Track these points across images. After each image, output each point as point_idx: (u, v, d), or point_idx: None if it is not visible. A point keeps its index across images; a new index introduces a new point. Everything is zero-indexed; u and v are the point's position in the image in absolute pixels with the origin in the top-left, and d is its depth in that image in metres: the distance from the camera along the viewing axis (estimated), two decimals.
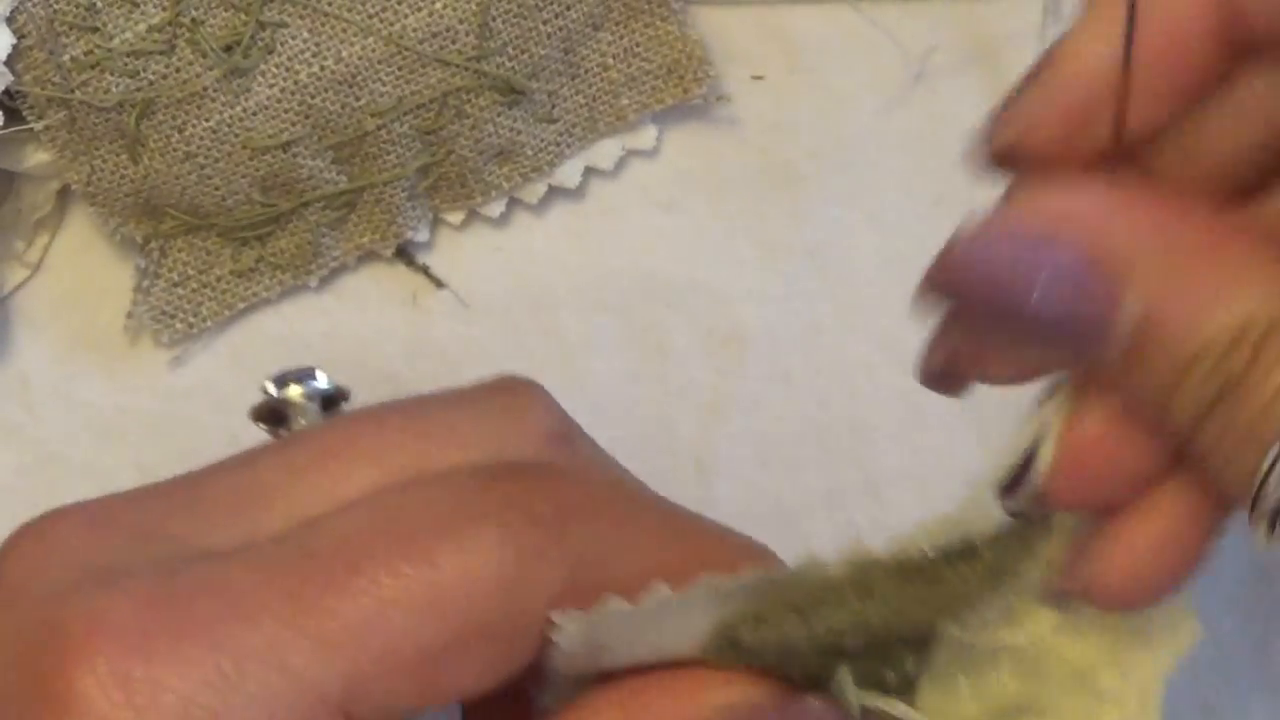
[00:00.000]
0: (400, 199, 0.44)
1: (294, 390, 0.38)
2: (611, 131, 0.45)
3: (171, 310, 0.44)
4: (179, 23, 0.42)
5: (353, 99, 0.43)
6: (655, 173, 0.45)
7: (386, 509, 0.31)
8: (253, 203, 0.43)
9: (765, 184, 0.45)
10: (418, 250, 0.45)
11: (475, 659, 0.31)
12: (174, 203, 0.43)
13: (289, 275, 0.44)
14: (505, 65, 0.43)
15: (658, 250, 0.45)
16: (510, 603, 0.30)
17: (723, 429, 0.45)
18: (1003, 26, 0.46)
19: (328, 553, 0.30)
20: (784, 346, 0.45)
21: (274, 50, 0.42)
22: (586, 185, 0.45)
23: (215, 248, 0.44)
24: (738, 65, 0.46)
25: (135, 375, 0.45)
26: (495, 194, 0.45)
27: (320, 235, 0.44)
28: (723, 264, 0.45)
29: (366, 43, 0.42)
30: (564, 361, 0.44)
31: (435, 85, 0.43)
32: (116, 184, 0.43)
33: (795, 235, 0.45)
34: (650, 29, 0.45)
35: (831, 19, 0.46)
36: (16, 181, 0.44)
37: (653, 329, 0.45)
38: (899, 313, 0.45)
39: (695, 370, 0.45)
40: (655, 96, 0.45)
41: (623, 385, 0.45)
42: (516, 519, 0.31)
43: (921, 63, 0.46)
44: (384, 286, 0.45)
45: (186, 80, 0.42)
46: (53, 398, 0.45)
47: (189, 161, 0.42)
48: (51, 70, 0.42)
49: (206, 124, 0.42)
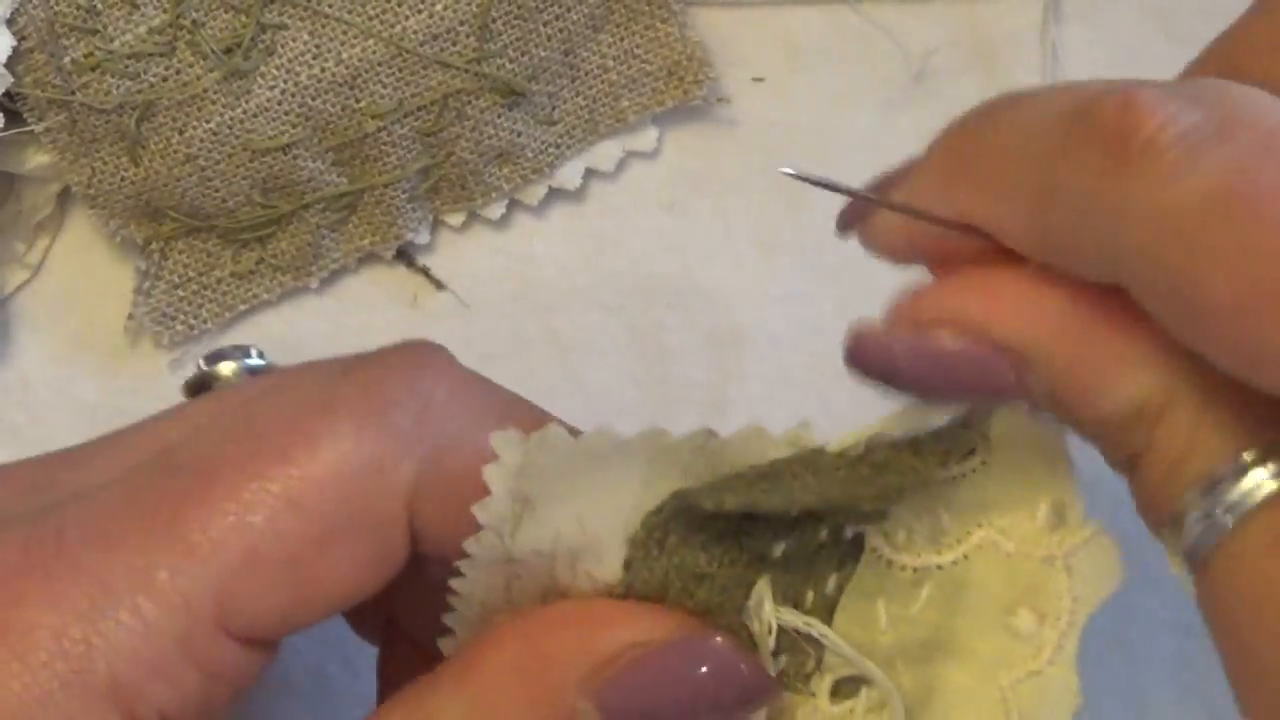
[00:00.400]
0: (400, 201, 0.44)
1: (224, 366, 0.39)
2: (612, 133, 0.45)
3: (172, 312, 0.44)
4: (179, 25, 0.42)
5: (353, 101, 0.43)
6: (655, 174, 0.45)
7: (240, 417, 0.31)
8: (253, 204, 0.43)
9: (765, 184, 0.45)
10: (418, 252, 0.45)
11: (343, 556, 0.30)
12: (174, 204, 0.43)
13: (289, 277, 0.44)
14: (505, 67, 0.43)
15: (658, 251, 0.45)
16: (370, 491, 0.30)
17: (723, 429, 0.45)
18: (1003, 26, 0.46)
19: (186, 468, 0.30)
20: (784, 346, 0.45)
21: (274, 52, 0.42)
22: (587, 187, 0.45)
23: (216, 249, 0.44)
24: (738, 66, 0.45)
25: (135, 376, 0.45)
26: (495, 196, 0.45)
27: (321, 237, 0.44)
28: (723, 264, 0.45)
29: (367, 45, 0.42)
30: (564, 362, 0.44)
31: (436, 87, 0.43)
32: (117, 186, 0.43)
33: (795, 235, 0.45)
34: (650, 31, 0.45)
35: (831, 20, 0.46)
36: (17, 184, 0.44)
37: (653, 329, 0.45)
38: None
39: (695, 370, 0.45)
40: (655, 98, 0.45)
41: (622, 385, 0.45)
42: (370, 406, 0.30)
43: (921, 63, 0.46)
44: (384, 288, 0.45)
45: (187, 82, 0.42)
46: (53, 399, 0.45)
47: (189, 163, 0.42)
48: (52, 72, 0.42)
49: (207, 126, 0.42)
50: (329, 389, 0.31)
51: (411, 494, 0.30)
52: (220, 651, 0.30)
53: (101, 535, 0.30)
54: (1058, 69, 0.45)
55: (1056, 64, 0.45)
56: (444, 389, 0.31)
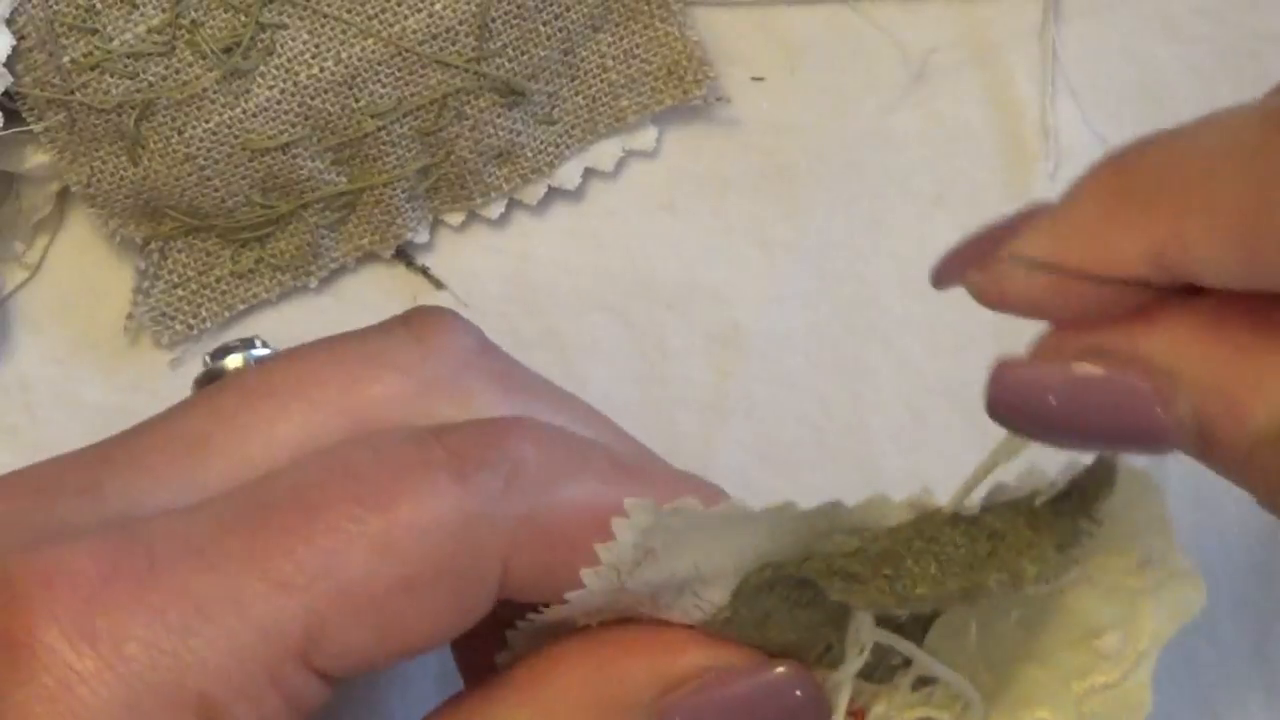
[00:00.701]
0: (400, 200, 0.44)
1: (231, 360, 0.39)
2: (611, 133, 0.45)
3: (171, 312, 0.44)
4: (178, 24, 0.42)
5: (352, 100, 0.43)
6: (655, 174, 0.45)
7: (337, 460, 0.32)
8: (252, 204, 0.43)
9: (765, 184, 0.45)
10: (417, 251, 0.45)
11: (432, 603, 0.31)
12: (174, 204, 0.43)
13: (289, 276, 0.44)
14: (505, 67, 0.43)
15: (658, 251, 0.45)
16: (466, 545, 0.31)
17: (723, 429, 0.45)
18: (1003, 26, 0.45)
19: (284, 501, 0.31)
20: (784, 346, 0.45)
21: (274, 52, 0.42)
22: (586, 186, 0.45)
23: (215, 249, 0.44)
24: (738, 66, 0.45)
25: (135, 376, 0.45)
26: (495, 195, 0.45)
27: (320, 236, 0.44)
28: (723, 264, 0.45)
29: (366, 44, 0.42)
30: (564, 362, 0.44)
31: (435, 87, 0.43)
32: (116, 185, 0.43)
33: (795, 235, 0.45)
34: (650, 30, 0.45)
35: (831, 19, 0.46)
36: (16, 183, 0.44)
37: (653, 329, 0.45)
38: (899, 313, 0.45)
39: (695, 370, 0.45)
40: (655, 98, 0.45)
41: (623, 385, 0.45)
42: (469, 466, 0.31)
43: (921, 63, 0.45)
44: (384, 288, 0.45)
45: (186, 82, 0.42)
46: (52, 399, 0.45)
47: (189, 163, 0.42)
48: (51, 72, 0.42)
49: (206, 125, 0.42)
50: (426, 446, 0.32)
51: (506, 551, 0.31)
52: (302, 682, 0.31)
53: (194, 556, 0.30)
54: (1058, 69, 0.45)
55: (1056, 64, 0.45)
56: (531, 449, 0.32)
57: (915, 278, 0.45)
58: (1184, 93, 0.45)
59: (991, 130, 0.45)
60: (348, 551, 0.30)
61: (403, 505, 0.31)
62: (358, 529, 0.30)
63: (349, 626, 0.30)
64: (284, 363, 0.35)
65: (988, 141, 0.45)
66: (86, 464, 0.33)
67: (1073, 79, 0.45)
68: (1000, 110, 0.45)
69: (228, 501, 0.31)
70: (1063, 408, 0.29)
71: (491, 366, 0.35)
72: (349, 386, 0.34)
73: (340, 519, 0.30)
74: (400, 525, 0.31)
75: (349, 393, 0.33)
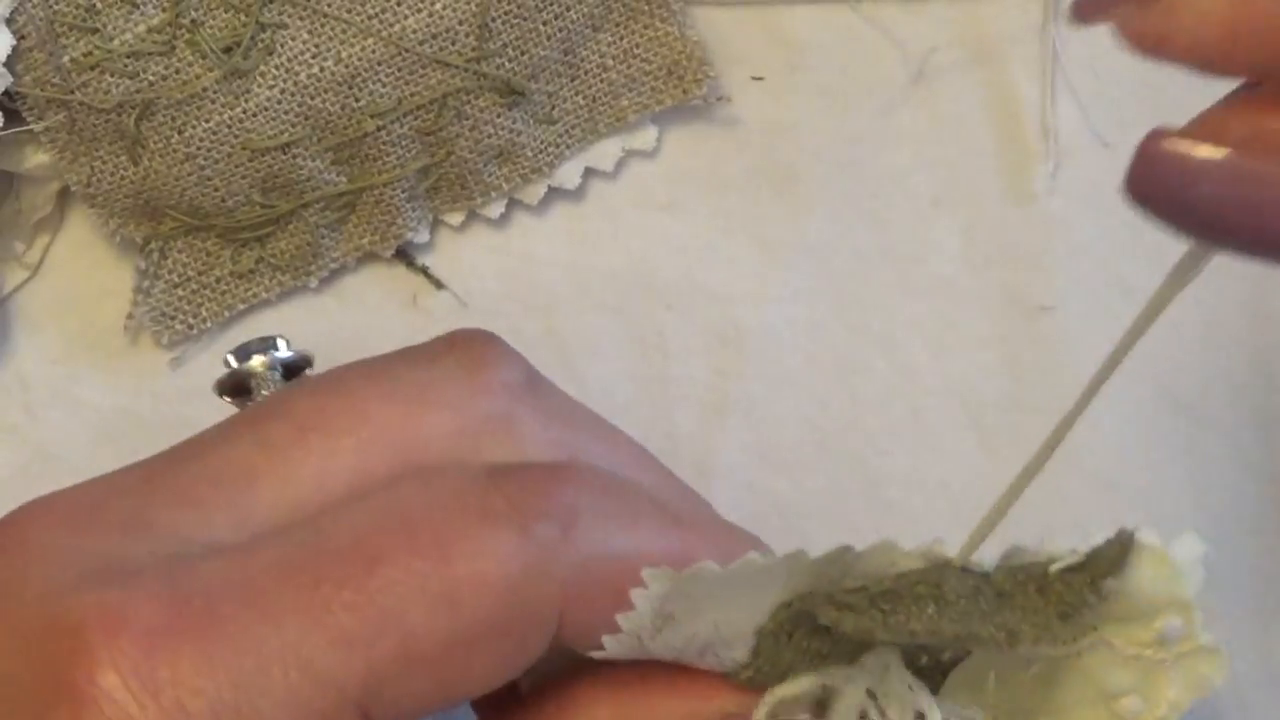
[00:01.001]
0: (400, 200, 0.44)
1: (256, 361, 0.38)
2: (611, 132, 0.45)
3: (171, 311, 0.44)
4: (179, 24, 0.42)
5: (352, 100, 0.43)
6: (655, 173, 0.45)
7: (394, 505, 0.32)
8: (252, 204, 0.43)
9: (765, 184, 0.45)
10: (417, 251, 0.45)
11: (489, 655, 0.31)
12: (174, 204, 0.43)
13: (289, 276, 0.44)
14: (505, 66, 0.43)
15: (658, 250, 0.45)
16: (523, 598, 0.31)
17: (723, 429, 0.45)
18: (1003, 26, 0.45)
19: (344, 549, 0.31)
20: (784, 346, 0.45)
21: (274, 51, 0.42)
22: (586, 186, 0.45)
23: (215, 249, 0.44)
24: (737, 66, 0.45)
25: (135, 376, 0.45)
26: (495, 195, 0.45)
27: (320, 236, 0.44)
28: (723, 264, 0.45)
29: (366, 44, 0.42)
30: (564, 362, 0.44)
31: (435, 86, 0.43)
32: (116, 185, 0.43)
33: (795, 235, 0.45)
34: (650, 30, 0.45)
35: (831, 19, 0.46)
36: (16, 183, 0.44)
37: (653, 329, 0.45)
38: (899, 313, 0.45)
39: (695, 370, 0.45)
40: (655, 97, 0.45)
41: (623, 385, 0.45)
42: (526, 517, 0.31)
43: (921, 63, 0.45)
44: (384, 287, 0.45)
45: (186, 81, 0.42)
46: (52, 398, 0.45)
47: (189, 163, 0.42)
48: (51, 71, 0.42)
49: (206, 125, 0.42)
50: (485, 494, 0.32)
51: (562, 601, 0.31)
52: None
53: (253, 604, 0.30)
54: (1058, 69, 0.45)
55: (1056, 64, 0.45)
56: (586, 498, 0.32)
57: (915, 278, 0.45)
58: (1184, 93, 0.45)
59: (991, 130, 0.45)
60: (409, 607, 0.30)
61: (464, 559, 0.31)
62: (419, 584, 0.30)
63: (407, 679, 0.30)
64: (331, 393, 0.34)
65: (988, 141, 0.45)
66: (131, 490, 0.33)
67: (1073, 79, 0.45)
68: (1000, 110, 0.45)
69: (284, 545, 0.31)
70: (1221, 204, 0.24)
71: (539, 403, 0.35)
72: (399, 423, 0.33)
73: (402, 572, 0.30)
74: (462, 580, 0.30)
75: (400, 429, 0.33)
